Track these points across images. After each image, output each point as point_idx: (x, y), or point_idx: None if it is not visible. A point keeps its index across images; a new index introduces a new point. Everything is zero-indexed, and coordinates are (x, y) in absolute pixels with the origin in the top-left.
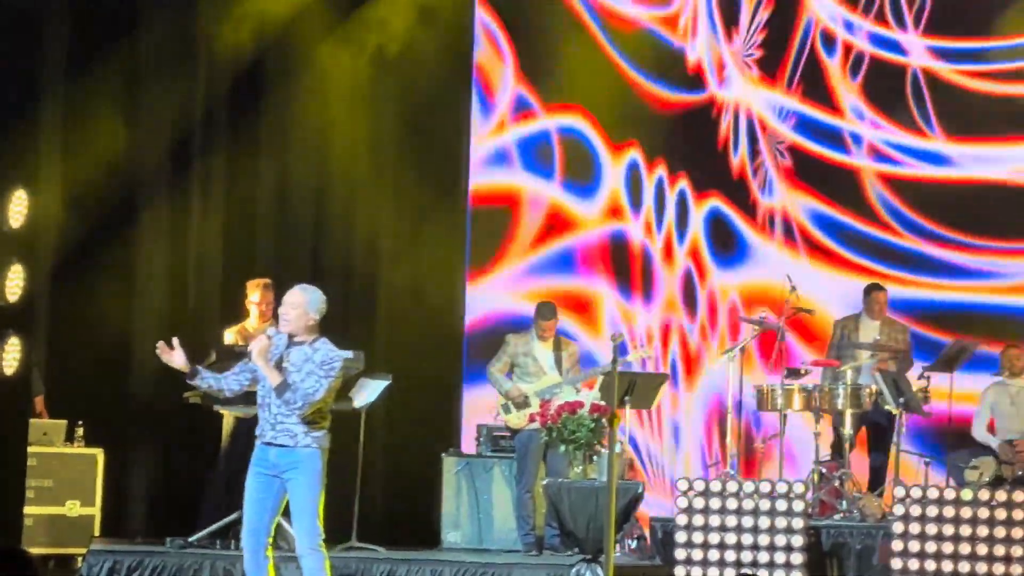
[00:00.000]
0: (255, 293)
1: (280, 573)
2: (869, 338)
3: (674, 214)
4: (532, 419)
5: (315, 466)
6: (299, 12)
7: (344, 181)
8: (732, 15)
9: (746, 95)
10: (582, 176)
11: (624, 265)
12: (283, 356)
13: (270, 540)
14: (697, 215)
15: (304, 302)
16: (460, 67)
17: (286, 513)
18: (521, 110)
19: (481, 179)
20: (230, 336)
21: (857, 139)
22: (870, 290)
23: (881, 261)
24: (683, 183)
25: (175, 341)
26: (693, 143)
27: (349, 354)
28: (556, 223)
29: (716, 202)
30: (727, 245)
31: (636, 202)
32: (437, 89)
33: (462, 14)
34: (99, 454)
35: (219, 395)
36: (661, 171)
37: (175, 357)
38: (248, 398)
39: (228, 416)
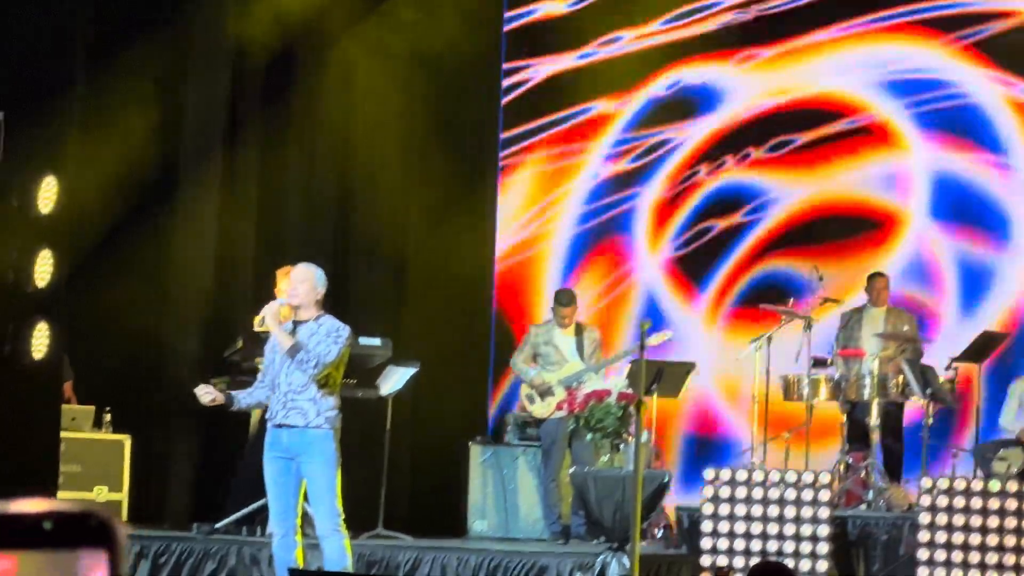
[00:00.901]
0: (285, 281)
1: (307, 557)
2: (873, 329)
3: None
4: (559, 407)
5: (328, 448)
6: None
7: (373, 167)
8: None
9: None
10: None
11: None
12: (292, 333)
13: (298, 522)
14: None
15: (312, 276)
16: (490, 42)
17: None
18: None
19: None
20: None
21: None
22: (870, 278)
23: None
24: None
25: (202, 387)
26: None
27: (377, 340)
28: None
29: None
30: None
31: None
32: (466, 66)
33: None
34: (126, 440)
35: (259, 407)
36: None
37: (207, 398)
38: None
39: None
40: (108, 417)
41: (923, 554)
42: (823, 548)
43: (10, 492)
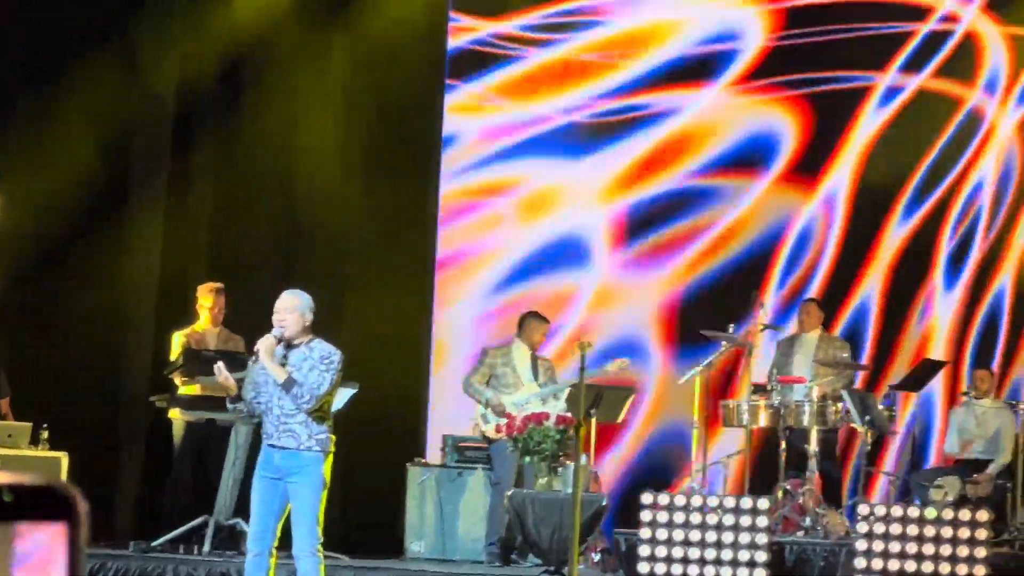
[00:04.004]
0: (207, 298)
1: None
2: (807, 356)
3: None
4: (499, 430)
5: (318, 470)
6: (273, 20)
7: (316, 187)
8: None
9: None
10: None
11: None
12: (284, 360)
13: (275, 544)
14: None
15: (298, 305)
16: (434, 66)
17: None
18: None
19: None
20: (180, 339)
21: None
22: (801, 303)
23: None
24: None
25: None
26: None
27: None
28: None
29: None
30: None
31: None
32: (411, 89)
33: (437, 15)
34: (63, 457)
35: (253, 415)
36: None
37: (220, 376)
38: (203, 403)
39: (178, 420)
40: (45, 434)
41: None
42: (760, 574)
43: None
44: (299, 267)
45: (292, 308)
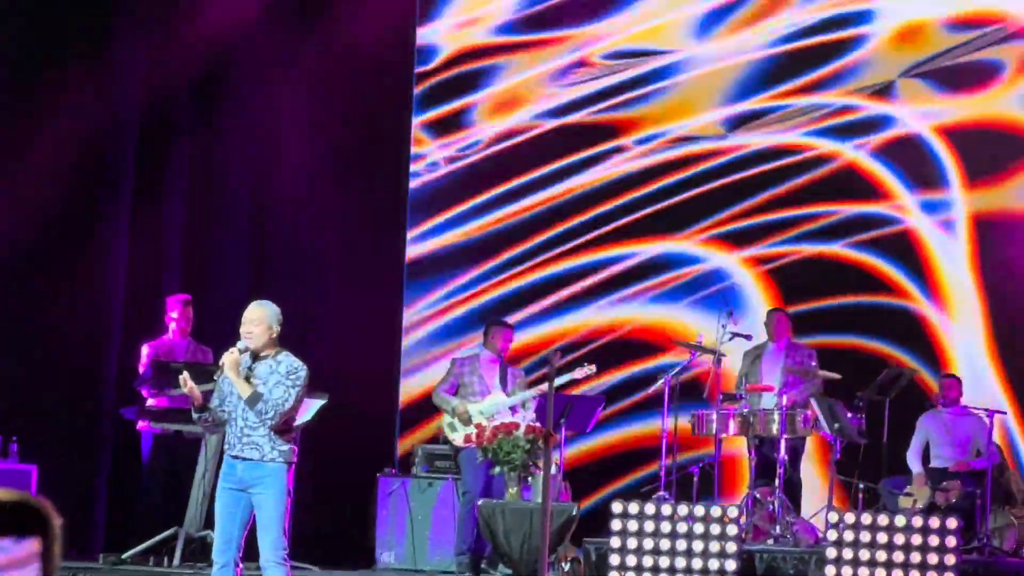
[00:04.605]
0: (175, 309)
1: None
2: (774, 365)
3: None
4: (468, 440)
5: (281, 480)
6: (242, 31)
7: (285, 198)
8: None
9: None
10: None
11: None
12: (249, 372)
13: (240, 554)
14: None
15: (265, 316)
16: (402, 74)
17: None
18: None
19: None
20: (148, 351)
21: None
22: (769, 312)
23: None
24: None
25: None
26: None
27: None
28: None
29: None
30: None
31: None
32: (380, 97)
33: (405, 22)
34: (33, 470)
35: (219, 424)
36: None
37: (186, 386)
38: (173, 415)
39: (147, 432)
40: (15, 447)
41: None
42: None
43: None
44: (267, 278)
45: (259, 320)
